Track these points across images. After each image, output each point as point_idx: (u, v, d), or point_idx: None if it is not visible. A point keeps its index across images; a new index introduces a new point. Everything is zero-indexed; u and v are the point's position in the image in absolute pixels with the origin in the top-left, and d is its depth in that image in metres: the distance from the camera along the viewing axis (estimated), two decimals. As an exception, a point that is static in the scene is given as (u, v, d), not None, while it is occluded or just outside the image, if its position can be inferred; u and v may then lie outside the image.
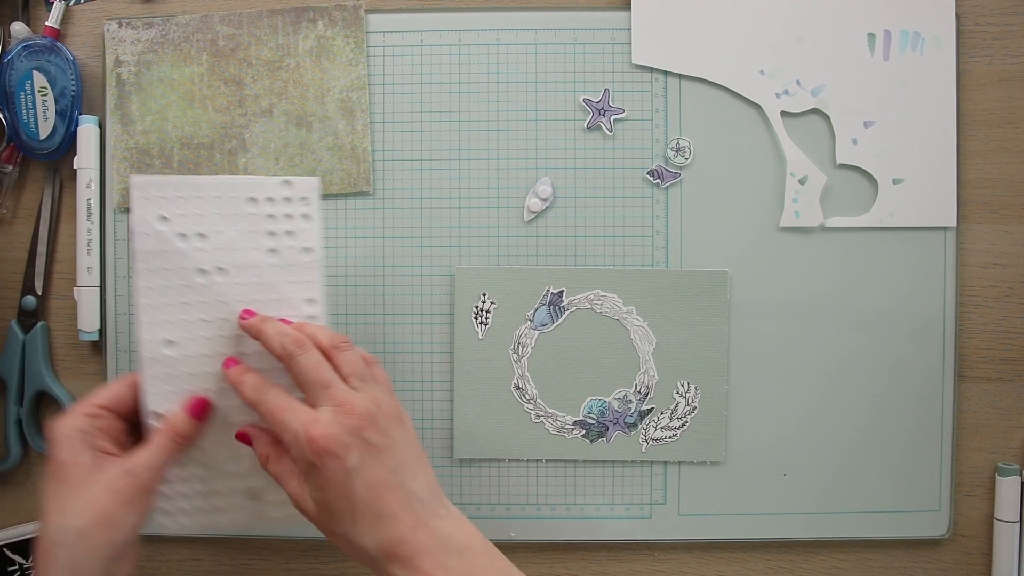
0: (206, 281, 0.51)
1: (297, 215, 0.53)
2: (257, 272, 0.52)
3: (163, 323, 0.50)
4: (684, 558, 0.68)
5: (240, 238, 0.51)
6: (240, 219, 0.51)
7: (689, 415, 0.65)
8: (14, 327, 0.66)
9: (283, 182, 0.53)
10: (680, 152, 0.66)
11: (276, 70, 0.65)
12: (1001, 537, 0.66)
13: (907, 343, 0.66)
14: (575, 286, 0.65)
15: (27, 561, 0.66)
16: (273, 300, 0.52)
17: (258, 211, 0.52)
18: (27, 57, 0.64)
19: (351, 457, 0.45)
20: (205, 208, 0.51)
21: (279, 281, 0.52)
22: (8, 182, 0.67)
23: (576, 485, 0.66)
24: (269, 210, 0.52)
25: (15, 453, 0.66)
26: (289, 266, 0.52)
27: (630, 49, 0.65)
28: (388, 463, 0.47)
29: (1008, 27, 0.66)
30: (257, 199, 0.52)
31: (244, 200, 0.52)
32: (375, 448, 0.46)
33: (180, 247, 0.50)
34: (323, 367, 0.48)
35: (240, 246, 0.51)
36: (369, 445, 0.46)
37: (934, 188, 0.65)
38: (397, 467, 0.47)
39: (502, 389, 0.65)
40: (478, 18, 0.66)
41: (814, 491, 0.66)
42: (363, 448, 0.46)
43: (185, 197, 0.50)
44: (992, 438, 0.67)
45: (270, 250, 0.52)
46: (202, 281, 0.51)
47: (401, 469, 0.47)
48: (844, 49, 0.65)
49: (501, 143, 0.66)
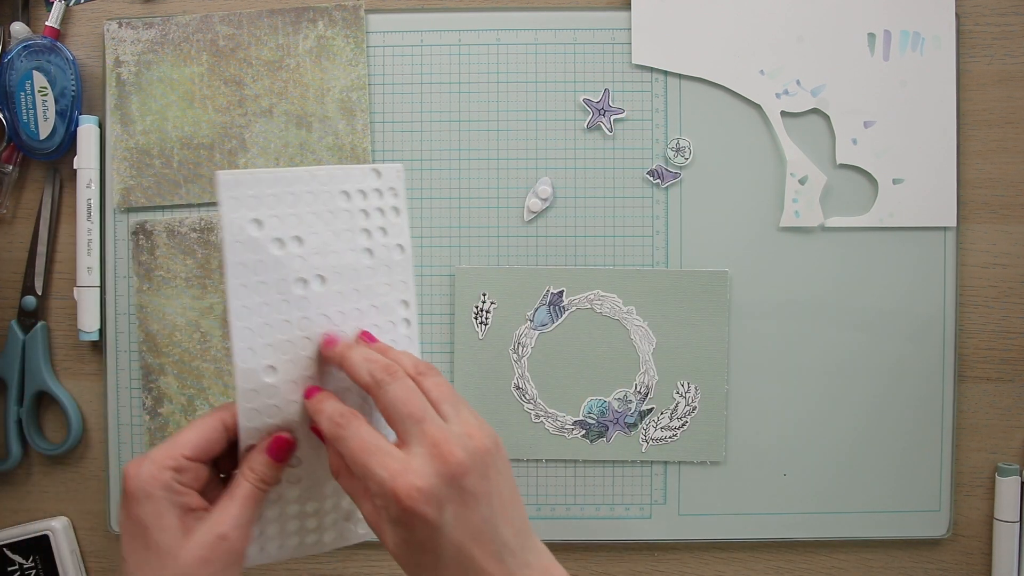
0: (305, 292, 0.44)
1: (388, 208, 0.48)
2: (355, 277, 0.46)
3: (263, 347, 0.43)
4: (684, 558, 0.68)
5: (336, 239, 0.46)
6: (335, 217, 0.46)
7: (689, 415, 0.65)
8: (14, 327, 0.66)
9: (372, 171, 0.47)
10: (680, 152, 0.66)
11: (276, 70, 0.65)
12: (1001, 537, 0.66)
13: (907, 343, 0.66)
14: (575, 286, 0.65)
15: (27, 561, 0.66)
16: (371, 307, 0.47)
17: (352, 206, 0.46)
18: (27, 57, 0.64)
19: (444, 514, 0.40)
20: (299, 207, 0.44)
21: (375, 284, 0.47)
22: (8, 182, 0.67)
23: (576, 485, 0.66)
24: (362, 204, 0.47)
25: (15, 453, 0.66)
26: (384, 267, 0.48)
27: (630, 49, 0.65)
28: (482, 512, 0.42)
29: (1008, 27, 0.66)
30: (350, 193, 0.46)
31: (337, 194, 0.46)
32: (471, 497, 0.41)
33: (277, 255, 0.44)
34: (415, 397, 0.43)
35: (337, 248, 0.46)
36: (465, 494, 0.41)
37: (934, 188, 0.65)
38: (491, 515, 0.42)
39: (502, 389, 0.65)
40: (478, 18, 0.66)
41: (814, 491, 0.66)
42: (458, 500, 0.41)
43: (278, 195, 0.44)
44: (992, 438, 0.67)
45: (366, 250, 0.47)
46: (301, 293, 0.44)
47: (494, 516, 0.42)
48: (844, 49, 0.65)
49: (501, 143, 0.66)
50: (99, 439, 0.67)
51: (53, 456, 0.67)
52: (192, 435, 0.44)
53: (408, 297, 0.49)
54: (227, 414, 0.44)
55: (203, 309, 0.65)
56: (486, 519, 0.42)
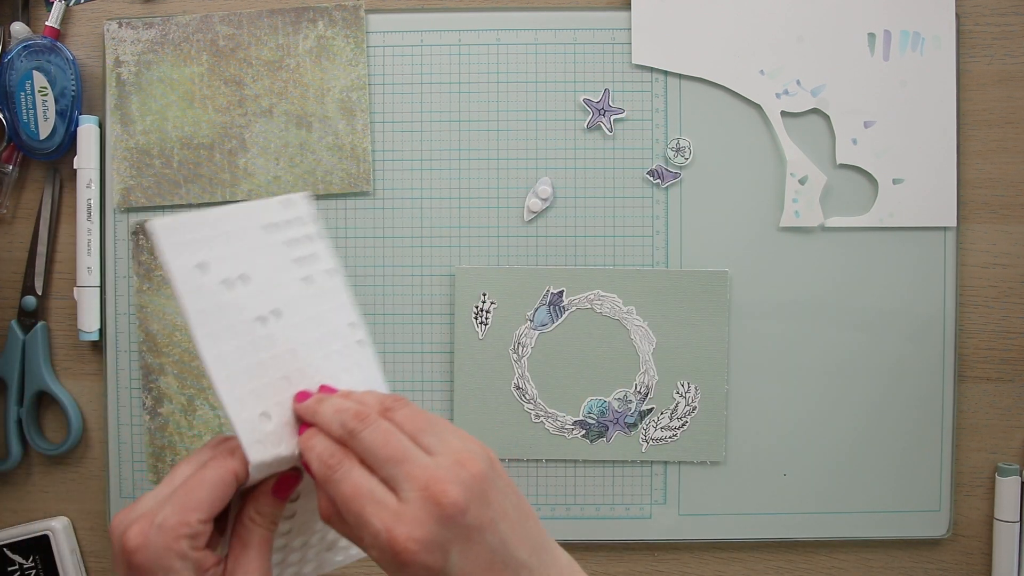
0: (267, 330, 0.43)
1: (305, 237, 0.47)
2: (303, 307, 0.45)
3: (251, 395, 0.41)
4: (684, 558, 0.68)
5: (276, 273, 0.44)
6: (266, 252, 0.44)
7: (689, 415, 0.65)
8: (14, 327, 0.66)
9: (279, 203, 0.46)
10: (680, 152, 0.66)
11: (276, 70, 0.65)
12: (1001, 537, 0.66)
13: (907, 343, 0.66)
14: (575, 286, 0.65)
15: (27, 561, 0.66)
16: (327, 335, 0.46)
17: (276, 239, 0.45)
18: (27, 57, 0.64)
19: (450, 558, 0.38)
20: (233, 246, 0.43)
21: (323, 311, 0.46)
22: (8, 182, 0.67)
23: (576, 485, 0.66)
24: (284, 236, 0.46)
25: (15, 453, 0.66)
26: (324, 293, 0.46)
27: (630, 49, 0.65)
28: (491, 542, 0.39)
29: (1008, 27, 0.66)
30: (270, 226, 0.45)
31: (260, 229, 0.45)
32: (475, 531, 0.38)
33: (230, 297, 0.42)
34: (394, 437, 0.40)
35: (280, 282, 0.44)
36: (468, 531, 0.38)
37: (934, 188, 0.65)
38: (501, 541, 0.39)
39: (502, 389, 0.65)
40: (478, 18, 0.66)
41: (814, 491, 0.66)
42: (462, 539, 0.38)
43: (211, 237, 0.42)
44: (992, 438, 0.67)
45: (304, 279, 0.46)
46: (264, 331, 0.43)
47: (505, 541, 0.39)
48: (844, 49, 0.65)
49: (501, 143, 0.66)
50: (99, 439, 0.67)
51: (53, 456, 0.67)
52: (204, 493, 0.40)
53: (353, 318, 0.47)
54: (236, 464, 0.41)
55: (203, 309, 0.65)
56: (496, 548, 0.39)
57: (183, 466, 0.41)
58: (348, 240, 0.66)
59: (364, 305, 0.66)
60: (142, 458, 0.66)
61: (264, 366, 0.42)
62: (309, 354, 0.44)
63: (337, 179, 0.66)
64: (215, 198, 0.66)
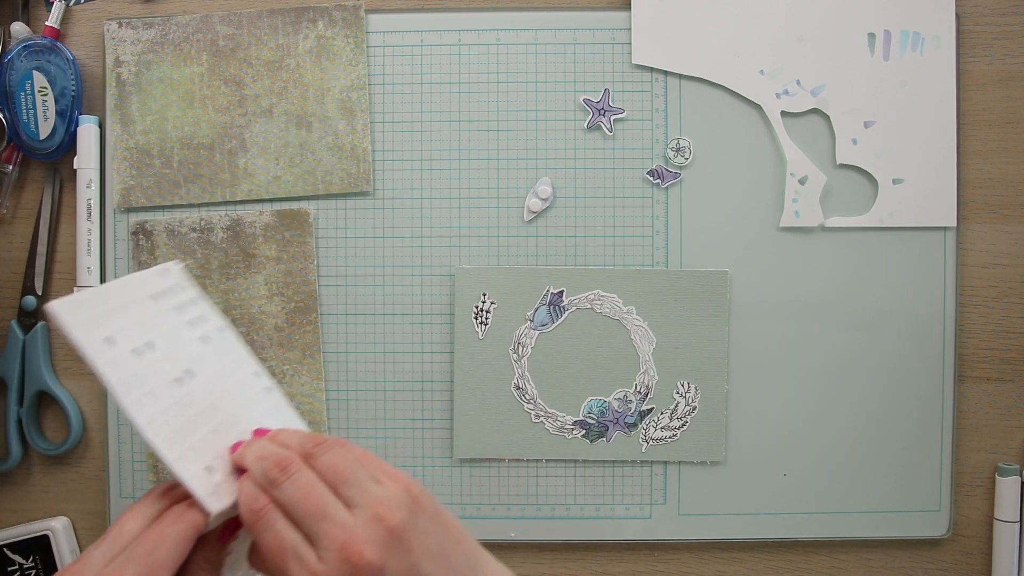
0: (186, 390, 0.44)
1: (189, 301, 0.48)
2: (209, 365, 0.46)
3: (190, 451, 0.42)
4: (684, 558, 0.68)
5: (176, 337, 0.46)
6: (161, 319, 0.46)
7: (689, 415, 0.65)
8: (14, 327, 0.66)
9: (157, 273, 0.48)
10: (680, 152, 0.66)
11: (276, 70, 0.65)
12: (1001, 537, 0.66)
13: (907, 343, 0.66)
14: (575, 286, 0.65)
15: (27, 561, 0.66)
16: (237, 386, 0.47)
17: (166, 305, 0.47)
18: (27, 57, 0.64)
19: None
20: (130, 316, 0.44)
21: (226, 366, 0.47)
22: (8, 182, 0.67)
23: (576, 485, 0.66)
24: (171, 303, 0.47)
25: (15, 453, 0.66)
26: (221, 349, 0.48)
27: (630, 49, 0.65)
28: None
29: (1008, 27, 0.66)
30: (157, 294, 0.47)
31: (149, 299, 0.46)
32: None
33: (143, 365, 0.43)
34: (313, 491, 0.40)
35: (182, 344, 0.46)
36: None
37: (934, 188, 0.65)
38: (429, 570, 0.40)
39: (502, 389, 0.65)
40: (478, 18, 0.66)
41: (814, 491, 0.66)
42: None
43: (109, 311, 0.43)
44: (992, 438, 0.67)
45: (201, 339, 0.47)
46: (183, 391, 0.44)
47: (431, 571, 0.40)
48: (844, 49, 0.65)
49: (501, 143, 0.66)
50: (99, 439, 0.67)
51: (53, 456, 0.67)
52: (169, 552, 0.39)
53: (256, 368, 0.49)
54: (197, 517, 0.41)
55: (203, 309, 0.65)
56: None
57: (129, 520, 0.40)
58: (348, 240, 0.66)
59: (364, 305, 0.66)
60: (142, 458, 0.66)
61: (193, 423, 0.43)
62: (229, 406, 0.46)
63: (337, 179, 0.66)
64: (215, 198, 0.66)
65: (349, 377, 0.66)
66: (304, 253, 0.66)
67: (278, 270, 0.66)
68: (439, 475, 0.66)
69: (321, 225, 0.66)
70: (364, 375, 0.66)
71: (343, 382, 0.66)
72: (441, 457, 0.66)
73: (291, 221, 0.66)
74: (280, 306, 0.66)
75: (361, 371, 0.66)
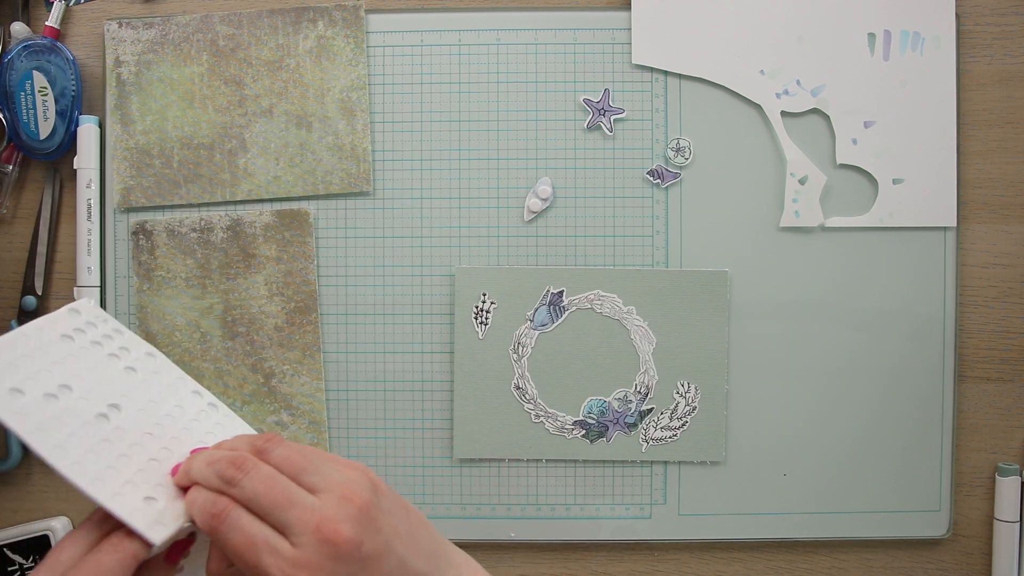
0: (115, 424, 0.43)
1: (111, 332, 0.47)
2: (139, 394, 0.46)
3: (126, 485, 0.41)
4: (684, 558, 0.68)
5: (96, 373, 0.45)
6: (78, 358, 0.45)
7: (689, 415, 0.65)
8: (14, 327, 0.66)
9: (68, 311, 0.47)
10: (680, 152, 0.66)
11: (276, 70, 0.65)
12: (1001, 537, 0.66)
13: (907, 343, 0.66)
14: (575, 286, 0.65)
15: (27, 561, 0.66)
16: (176, 408, 0.46)
17: (83, 342, 0.46)
18: (27, 57, 0.64)
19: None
20: (40, 361, 0.43)
21: (160, 391, 0.47)
22: (8, 182, 0.67)
23: (576, 485, 0.66)
24: (88, 338, 0.46)
25: (15, 453, 0.66)
26: (152, 375, 0.47)
27: (630, 49, 0.65)
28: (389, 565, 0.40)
29: (1008, 27, 0.66)
30: (70, 334, 0.46)
31: (60, 338, 0.45)
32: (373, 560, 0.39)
33: (59, 407, 0.42)
34: (276, 482, 0.40)
35: (104, 378, 0.45)
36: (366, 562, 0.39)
37: (934, 188, 0.65)
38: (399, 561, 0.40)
39: (502, 389, 0.65)
40: (478, 18, 0.66)
41: (814, 491, 0.66)
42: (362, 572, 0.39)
43: (15, 359, 0.42)
44: (992, 438, 0.67)
45: (127, 369, 0.46)
46: (112, 426, 0.43)
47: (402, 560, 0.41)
48: (844, 49, 0.65)
49: (501, 143, 0.66)
50: (99, 439, 0.67)
51: (53, 456, 0.67)
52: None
53: (194, 387, 0.48)
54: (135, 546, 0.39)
55: (203, 309, 0.65)
56: (394, 569, 0.40)
57: (67, 548, 0.39)
58: (348, 240, 0.66)
59: (364, 305, 0.66)
60: (142, 458, 0.66)
61: (127, 456, 0.42)
62: (166, 432, 0.45)
63: (337, 179, 0.66)
64: (215, 198, 0.66)
65: (349, 377, 0.66)
66: (304, 253, 0.66)
67: (278, 270, 0.66)
68: (439, 475, 0.66)
69: (321, 225, 0.66)
70: (364, 375, 0.66)
71: (343, 382, 0.66)
72: (441, 457, 0.66)
73: (291, 221, 0.66)
74: (280, 306, 0.66)
75: (361, 371, 0.66)
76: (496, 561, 0.67)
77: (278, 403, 0.66)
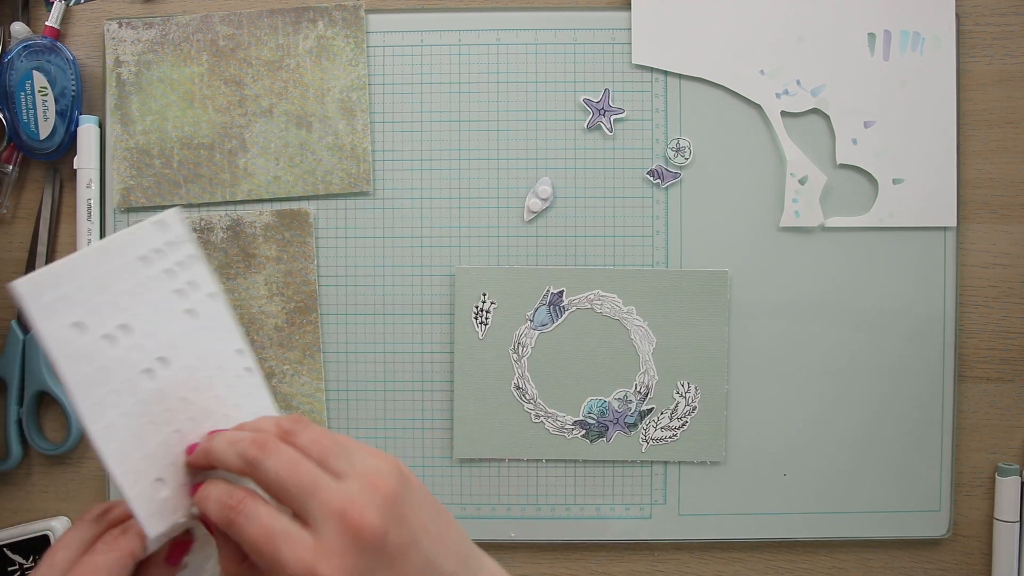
0: (156, 383, 0.40)
1: (186, 259, 0.42)
2: (190, 345, 0.41)
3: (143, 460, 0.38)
4: (684, 558, 0.68)
5: (158, 312, 0.40)
6: (147, 288, 0.40)
7: (689, 415, 0.65)
8: (14, 327, 0.66)
9: (154, 224, 0.42)
10: (680, 152, 0.66)
11: (276, 70, 0.65)
12: (1001, 537, 0.66)
13: (907, 343, 0.66)
14: (575, 286, 0.65)
15: (27, 561, 0.66)
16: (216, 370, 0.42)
17: (155, 270, 0.41)
18: (27, 57, 0.64)
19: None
20: (110, 290, 0.39)
21: (210, 344, 0.42)
22: (8, 182, 0.67)
23: (576, 485, 0.66)
24: (163, 265, 0.41)
25: (15, 453, 0.66)
26: (210, 323, 0.42)
27: (630, 49, 0.65)
28: (416, 561, 0.37)
29: (1008, 27, 0.66)
30: (147, 257, 0.41)
31: (137, 261, 0.40)
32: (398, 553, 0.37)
33: (113, 355, 0.38)
34: (301, 465, 0.37)
35: (163, 321, 0.40)
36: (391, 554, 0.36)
37: (934, 188, 0.65)
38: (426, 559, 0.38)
39: (502, 389, 0.65)
40: (478, 18, 0.66)
41: (814, 491, 0.66)
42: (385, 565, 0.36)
43: (84, 285, 0.38)
44: (992, 438, 0.67)
45: (187, 312, 0.42)
46: (151, 385, 0.39)
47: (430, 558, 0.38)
48: (844, 49, 0.65)
49: (501, 143, 0.66)
50: (99, 439, 0.67)
51: (53, 456, 0.67)
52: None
53: (240, 344, 0.44)
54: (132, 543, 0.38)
55: (203, 309, 0.65)
56: (422, 567, 0.38)
57: (61, 549, 0.38)
58: (348, 240, 0.66)
59: (364, 305, 0.66)
60: (142, 458, 0.66)
61: (155, 425, 0.39)
62: (200, 397, 0.41)
63: (337, 179, 0.66)
64: (215, 198, 0.66)
65: (349, 377, 0.66)
66: (304, 253, 0.66)
67: (278, 270, 0.66)
68: (439, 475, 0.66)
69: (321, 225, 0.66)
70: (364, 375, 0.66)
71: (343, 382, 0.66)
72: (441, 457, 0.66)
73: (291, 221, 0.66)
74: (280, 306, 0.66)
75: (361, 371, 0.66)
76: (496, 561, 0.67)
77: (278, 403, 0.66)
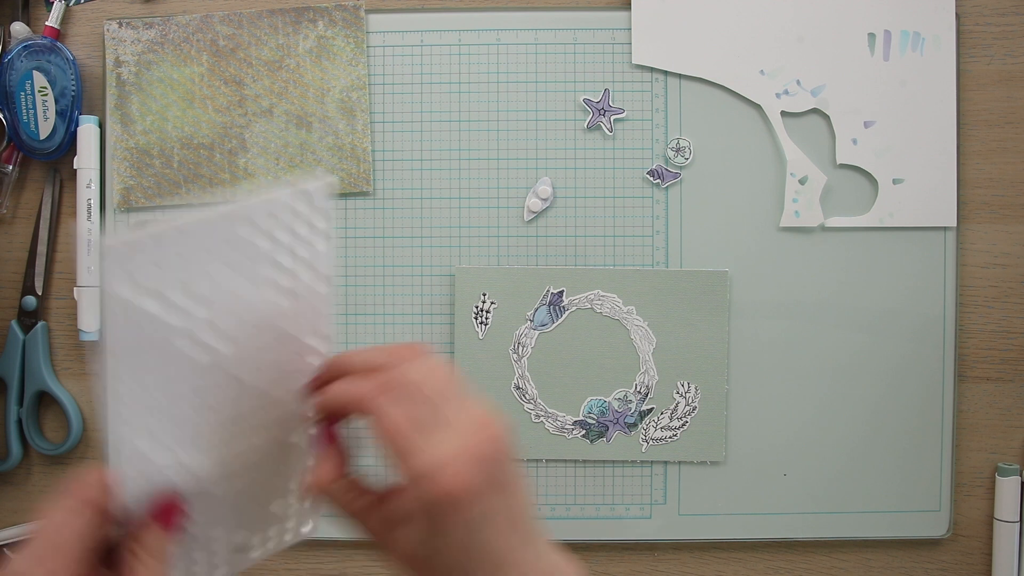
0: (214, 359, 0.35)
1: (317, 236, 0.38)
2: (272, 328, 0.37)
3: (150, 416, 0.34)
4: (684, 558, 0.68)
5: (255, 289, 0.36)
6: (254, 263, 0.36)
7: (689, 415, 0.65)
8: (14, 327, 0.66)
9: (302, 193, 0.37)
10: (680, 152, 0.66)
11: (276, 70, 0.65)
12: (1001, 537, 0.66)
13: (907, 343, 0.66)
14: (575, 286, 0.65)
15: (27, 561, 0.66)
16: (292, 354, 0.39)
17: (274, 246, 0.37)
18: (27, 57, 0.64)
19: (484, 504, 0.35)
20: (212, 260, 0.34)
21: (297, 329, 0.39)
22: (8, 182, 0.67)
23: (576, 485, 0.66)
24: (287, 239, 0.37)
25: (15, 453, 0.66)
26: (308, 308, 0.39)
27: (630, 49, 0.65)
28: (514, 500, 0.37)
29: (1008, 27, 0.66)
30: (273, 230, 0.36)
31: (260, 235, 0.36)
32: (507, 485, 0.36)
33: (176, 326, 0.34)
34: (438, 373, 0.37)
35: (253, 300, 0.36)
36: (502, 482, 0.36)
37: (934, 188, 0.65)
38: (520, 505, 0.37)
39: (502, 389, 0.65)
40: (478, 18, 0.66)
41: (814, 491, 0.66)
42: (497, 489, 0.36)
43: (185, 253, 0.33)
44: (992, 438, 0.67)
45: (288, 292, 0.38)
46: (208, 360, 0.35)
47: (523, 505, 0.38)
48: (844, 49, 0.65)
49: (501, 143, 0.66)
50: (99, 439, 0.67)
51: (53, 456, 0.67)
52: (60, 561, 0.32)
53: (328, 330, 0.40)
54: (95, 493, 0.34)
55: (203, 309, 0.65)
56: (515, 510, 0.37)
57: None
58: (348, 240, 0.66)
59: (364, 305, 0.66)
60: (142, 458, 0.66)
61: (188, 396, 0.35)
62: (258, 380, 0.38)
63: (337, 179, 0.66)
64: (215, 199, 0.66)
65: (349, 377, 0.66)
66: (304, 253, 0.66)
67: (278, 270, 0.66)
68: (439, 475, 0.66)
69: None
70: (364, 375, 0.66)
71: (343, 382, 0.66)
72: (441, 457, 0.66)
73: (291, 221, 0.66)
74: (280, 306, 0.65)
75: (361, 371, 0.66)
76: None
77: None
